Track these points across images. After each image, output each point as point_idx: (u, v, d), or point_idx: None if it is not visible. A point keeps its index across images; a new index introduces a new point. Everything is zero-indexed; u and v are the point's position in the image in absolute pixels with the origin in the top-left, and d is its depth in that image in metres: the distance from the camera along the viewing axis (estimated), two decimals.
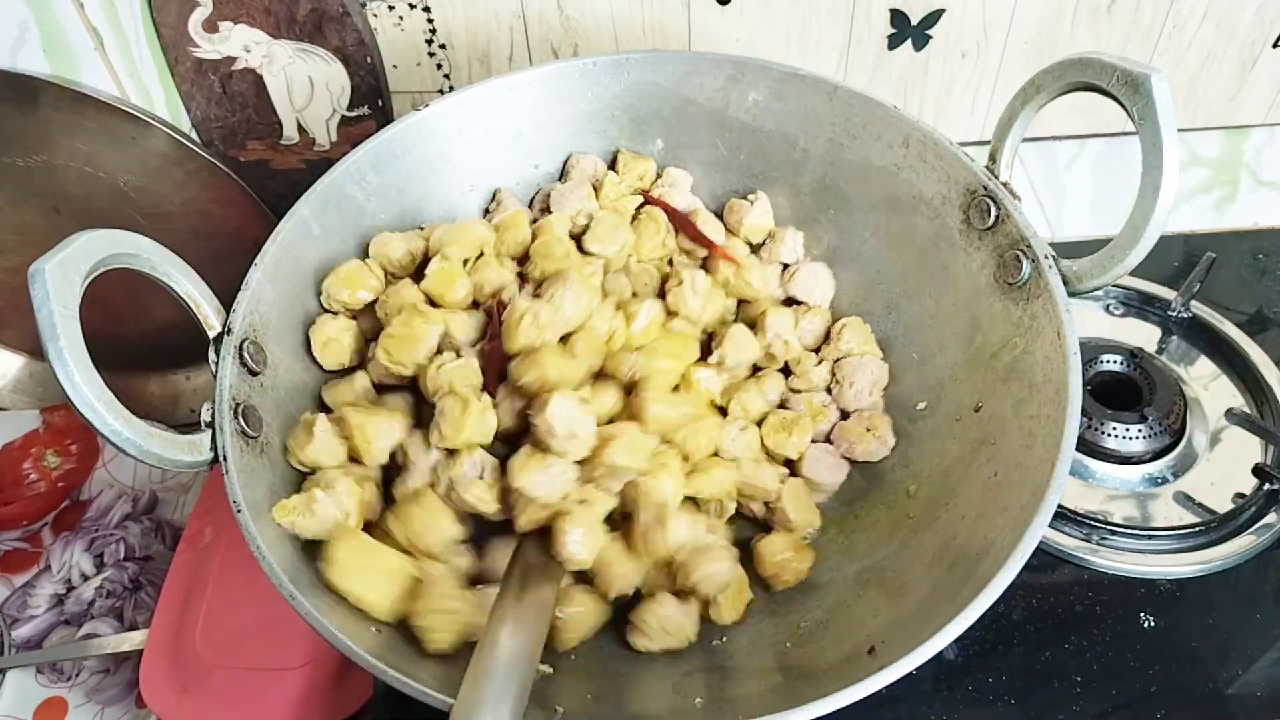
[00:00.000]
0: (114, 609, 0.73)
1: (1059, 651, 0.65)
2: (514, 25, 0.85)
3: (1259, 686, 0.63)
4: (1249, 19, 0.90)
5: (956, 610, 0.45)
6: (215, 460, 0.50)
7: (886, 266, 0.68)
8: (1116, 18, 0.88)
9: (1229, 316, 0.84)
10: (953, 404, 0.62)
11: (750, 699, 0.50)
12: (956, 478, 0.58)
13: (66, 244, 0.44)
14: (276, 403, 0.56)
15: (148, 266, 0.50)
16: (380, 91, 0.84)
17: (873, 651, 0.49)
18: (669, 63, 0.70)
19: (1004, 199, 0.59)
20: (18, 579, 0.76)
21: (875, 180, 0.67)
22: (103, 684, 0.71)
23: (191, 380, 0.86)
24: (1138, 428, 0.74)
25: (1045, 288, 0.55)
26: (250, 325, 0.55)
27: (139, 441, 0.45)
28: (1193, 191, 0.98)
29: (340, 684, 0.64)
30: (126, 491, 0.81)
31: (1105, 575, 0.69)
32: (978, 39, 0.89)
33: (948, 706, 0.62)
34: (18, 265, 0.72)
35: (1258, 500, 0.71)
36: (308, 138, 0.86)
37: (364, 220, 0.65)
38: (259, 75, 0.82)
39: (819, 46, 0.88)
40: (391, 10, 0.83)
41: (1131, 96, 0.50)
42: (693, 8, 0.84)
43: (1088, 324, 0.85)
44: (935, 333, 0.64)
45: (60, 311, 0.42)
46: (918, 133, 0.63)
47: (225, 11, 0.77)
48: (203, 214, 0.73)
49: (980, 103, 0.94)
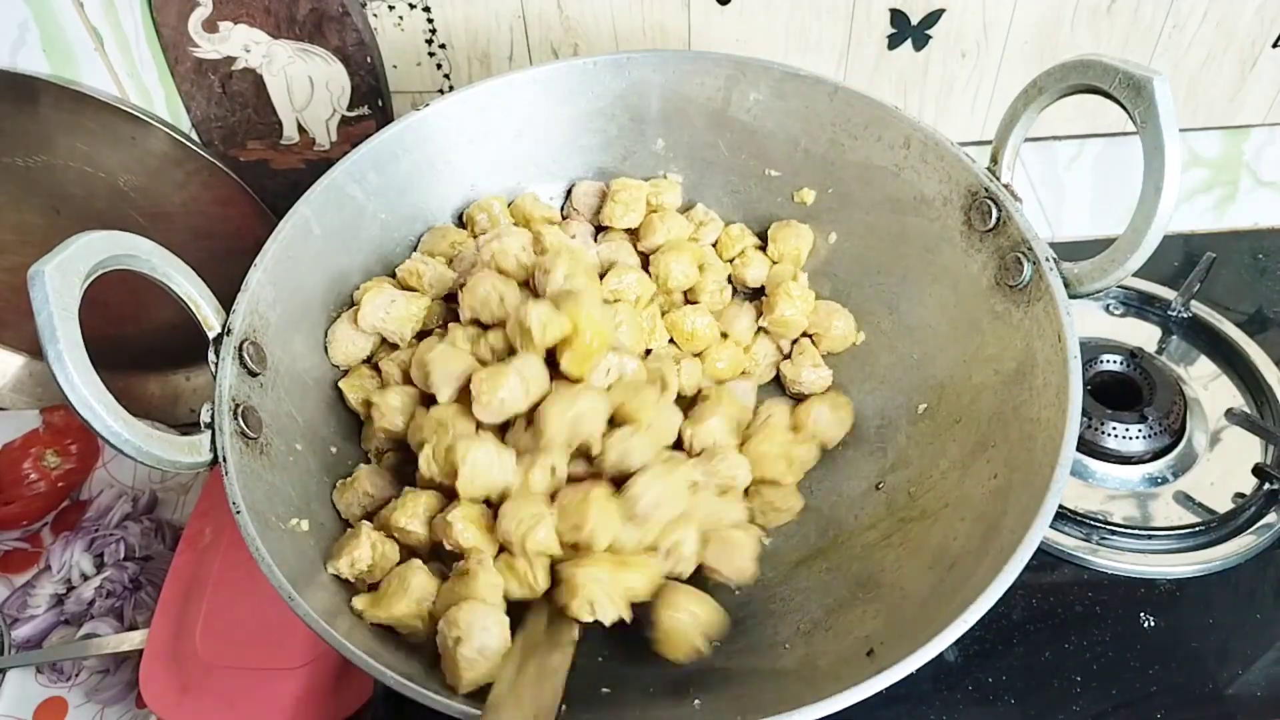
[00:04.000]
0: (114, 609, 0.73)
1: (1059, 651, 0.65)
2: (514, 25, 0.85)
3: (1259, 686, 0.63)
4: (1249, 19, 0.90)
5: (956, 612, 0.45)
6: (215, 461, 0.50)
7: (887, 267, 0.68)
8: (1116, 18, 0.88)
9: (1229, 316, 0.84)
10: (953, 405, 0.62)
11: (750, 700, 0.50)
12: (957, 479, 0.58)
13: (66, 246, 0.44)
14: (276, 403, 0.56)
15: (147, 268, 0.50)
16: (380, 91, 0.84)
17: (872, 653, 0.49)
18: (669, 63, 0.69)
19: (1005, 201, 0.59)
20: (18, 579, 0.76)
21: (876, 181, 0.67)
22: (103, 684, 0.71)
23: (191, 381, 0.86)
24: (1138, 428, 0.74)
25: (1046, 290, 0.55)
26: (250, 326, 0.55)
27: (138, 443, 0.45)
28: (1193, 191, 0.98)
29: (340, 684, 0.64)
30: (126, 491, 0.81)
31: (1105, 575, 0.69)
32: (978, 39, 0.89)
33: (947, 707, 0.63)
34: (18, 265, 0.72)
35: (1258, 500, 0.71)
36: (308, 138, 0.86)
37: (364, 220, 0.65)
38: (259, 75, 0.81)
39: (819, 46, 0.88)
40: (391, 10, 0.83)
41: (1133, 99, 0.50)
42: (693, 8, 0.84)
43: (1088, 324, 0.85)
44: (936, 334, 0.64)
45: (60, 314, 0.42)
46: (919, 133, 0.63)
47: (225, 11, 0.77)
48: (203, 214, 0.73)
49: (980, 103, 0.94)
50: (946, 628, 0.45)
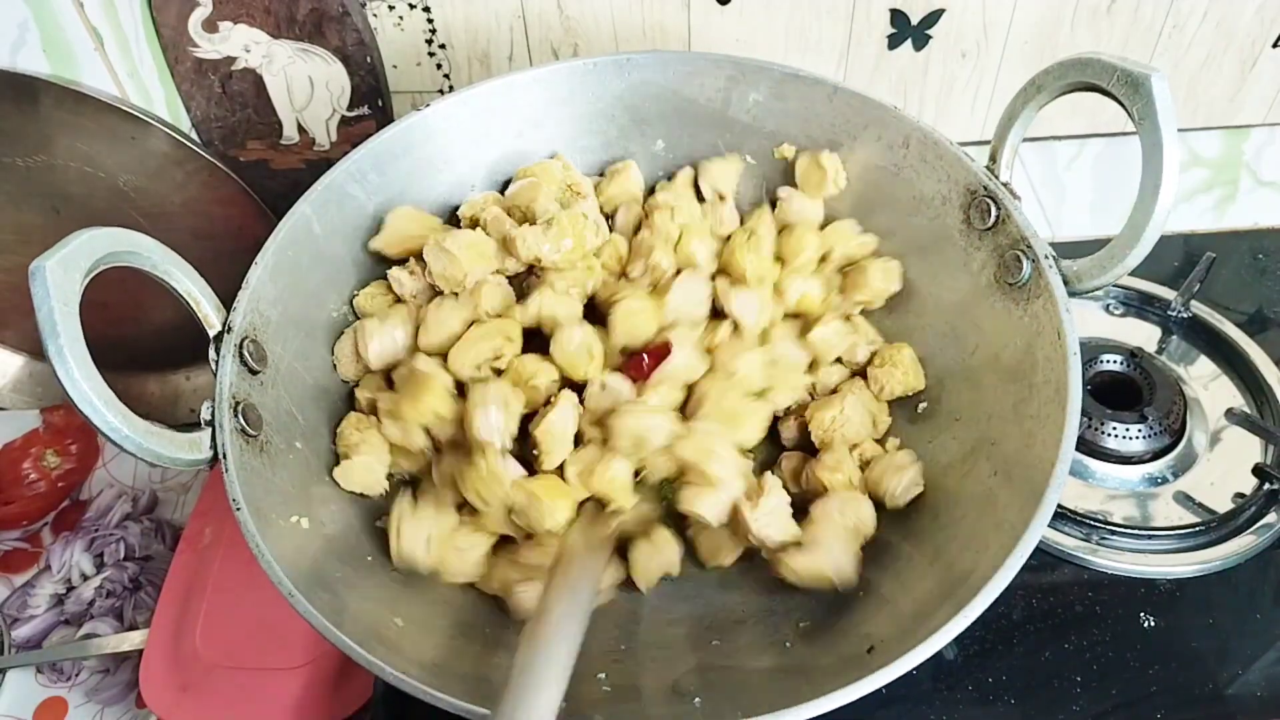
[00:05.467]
0: (114, 609, 0.73)
1: (1059, 651, 0.65)
2: (514, 25, 0.85)
3: (1259, 686, 0.63)
4: (1249, 19, 0.90)
5: (955, 610, 0.45)
6: (215, 459, 0.50)
7: None
8: (1116, 18, 0.88)
9: (1229, 316, 0.84)
10: (953, 404, 0.62)
11: (749, 698, 0.50)
12: (956, 477, 0.58)
13: (67, 242, 0.44)
14: (277, 401, 0.56)
15: (148, 265, 0.50)
16: (380, 91, 0.84)
17: (872, 651, 0.49)
18: (669, 63, 0.70)
19: (1004, 199, 0.59)
20: (18, 579, 0.76)
21: (876, 181, 0.67)
22: (103, 684, 0.71)
23: (191, 380, 0.86)
24: (1138, 427, 0.74)
25: (1045, 288, 0.55)
26: (250, 324, 0.55)
27: (139, 439, 0.45)
28: (1193, 191, 0.98)
29: (340, 684, 0.64)
30: (126, 491, 0.81)
31: (1105, 575, 0.69)
32: (978, 39, 0.89)
33: (947, 706, 0.62)
34: (18, 265, 0.71)
35: (1258, 500, 0.71)
36: (308, 138, 0.86)
37: (365, 219, 0.65)
38: (259, 75, 0.82)
39: (819, 46, 0.88)
40: (391, 10, 0.83)
41: (1132, 97, 0.50)
42: (693, 8, 0.84)
43: (1088, 324, 0.85)
44: (935, 333, 0.65)
45: (60, 309, 0.42)
46: (918, 133, 0.63)
47: (225, 11, 0.77)
48: (203, 214, 0.73)
49: (980, 103, 0.94)
50: (946, 625, 0.45)
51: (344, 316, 0.65)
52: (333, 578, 0.53)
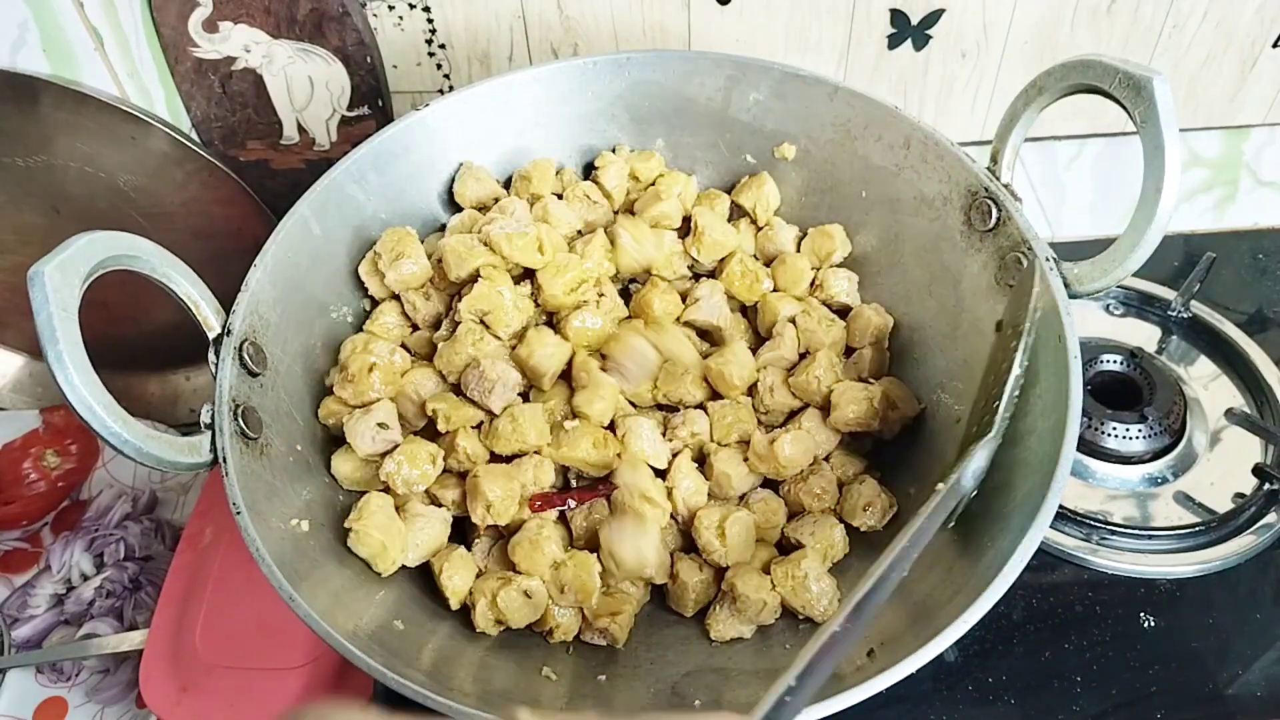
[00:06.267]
0: (114, 609, 0.73)
1: (1059, 651, 0.65)
2: (514, 25, 0.85)
3: (1259, 686, 0.63)
4: (1249, 19, 0.90)
5: (956, 613, 0.45)
6: (215, 461, 0.50)
7: (887, 267, 0.68)
8: (1116, 18, 0.88)
9: (1229, 316, 0.84)
10: (953, 405, 0.62)
11: (749, 700, 0.50)
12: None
13: (66, 246, 0.44)
14: (276, 404, 0.56)
15: (147, 268, 0.50)
16: (380, 91, 0.84)
17: (872, 654, 0.49)
18: (669, 63, 0.69)
19: (1005, 200, 0.59)
20: (18, 579, 0.76)
21: (876, 181, 0.67)
22: (103, 684, 0.71)
23: (191, 380, 0.86)
24: (1138, 428, 0.74)
25: (1046, 290, 0.55)
26: (250, 326, 0.55)
27: (138, 443, 0.45)
28: (1193, 191, 0.98)
29: (340, 684, 0.64)
30: (126, 491, 0.81)
31: (1105, 575, 0.69)
32: (978, 39, 0.89)
33: (948, 706, 0.63)
34: (18, 265, 0.71)
35: (1258, 500, 0.71)
36: (308, 138, 0.86)
37: (364, 219, 0.65)
38: (259, 75, 0.81)
39: (819, 46, 0.88)
40: (391, 10, 0.83)
41: (1133, 99, 0.50)
42: (693, 8, 0.84)
43: (1088, 324, 0.85)
44: (936, 334, 0.64)
45: (59, 314, 0.42)
46: (919, 133, 0.63)
47: (225, 11, 0.77)
48: (203, 214, 0.73)
49: (980, 103, 0.94)
50: (947, 628, 0.45)
51: (344, 318, 0.65)
52: (333, 581, 0.53)
